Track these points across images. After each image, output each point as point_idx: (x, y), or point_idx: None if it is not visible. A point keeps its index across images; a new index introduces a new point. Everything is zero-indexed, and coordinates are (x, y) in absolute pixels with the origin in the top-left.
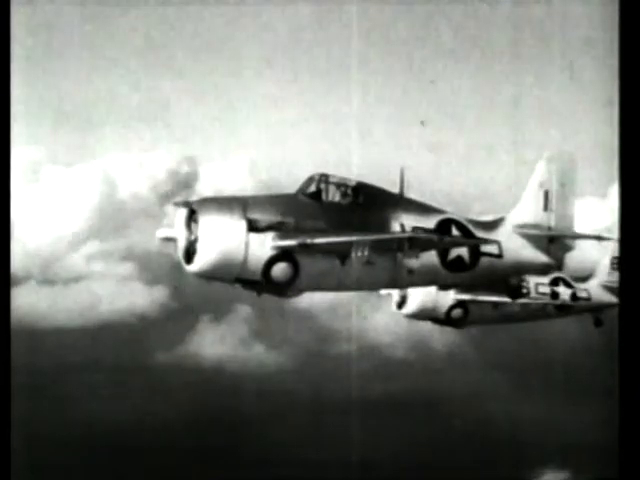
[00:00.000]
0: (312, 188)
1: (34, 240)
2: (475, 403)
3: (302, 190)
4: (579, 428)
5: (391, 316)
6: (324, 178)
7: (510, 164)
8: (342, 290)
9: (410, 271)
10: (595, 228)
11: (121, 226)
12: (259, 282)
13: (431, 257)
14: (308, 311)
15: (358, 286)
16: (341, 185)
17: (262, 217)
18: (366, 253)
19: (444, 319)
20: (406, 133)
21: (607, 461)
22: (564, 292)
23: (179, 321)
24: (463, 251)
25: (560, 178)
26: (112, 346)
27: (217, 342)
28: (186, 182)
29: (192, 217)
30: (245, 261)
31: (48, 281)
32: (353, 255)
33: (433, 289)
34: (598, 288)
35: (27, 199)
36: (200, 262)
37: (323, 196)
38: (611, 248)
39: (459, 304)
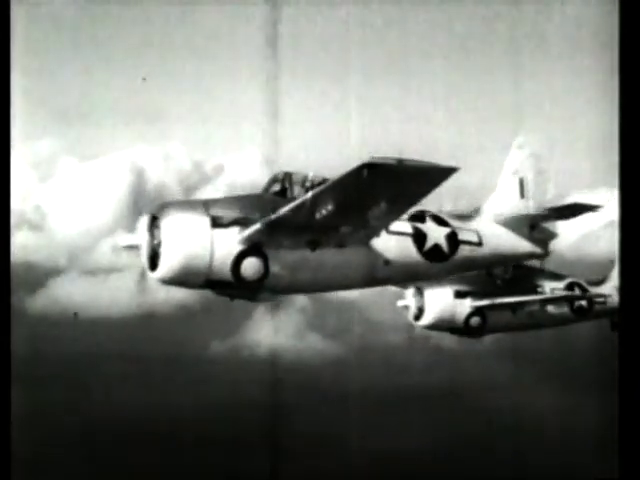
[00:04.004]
0: (276, 187)
1: (65, 231)
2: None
3: (266, 189)
4: None
5: None
6: (288, 176)
7: None
8: (317, 288)
9: (387, 262)
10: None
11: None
12: (230, 283)
13: (407, 246)
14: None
15: (333, 282)
16: (306, 182)
17: (226, 213)
18: (330, 207)
19: (463, 328)
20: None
21: None
22: None
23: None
24: (440, 239)
25: (535, 165)
26: (161, 337)
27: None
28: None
29: (154, 223)
30: (212, 260)
31: (87, 272)
32: (317, 215)
33: (450, 297)
34: (614, 291)
35: (56, 193)
36: (165, 265)
37: (288, 194)
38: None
39: (477, 312)
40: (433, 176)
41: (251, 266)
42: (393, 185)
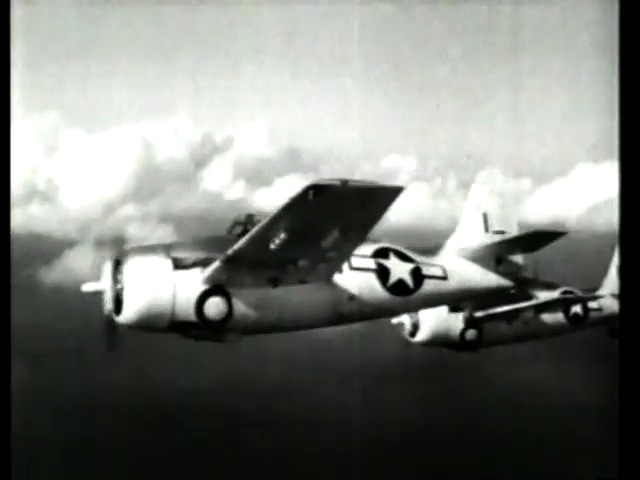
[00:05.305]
0: (239, 229)
1: (77, 204)
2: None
3: (229, 232)
4: None
5: None
6: (250, 218)
7: None
8: (284, 326)
9: (351, 297)
10: None
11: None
12: (195, 324)
13: (371, 282)
14: None
15: (299, 319)
16: None
17: (188, 255)
18: (283, 236)
19: (459, 343)
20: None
21: None
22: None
23: None
24: (404, 274)
25: (497, 200)
26: None
27: None
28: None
29: (117, 268)
30: (175, 302)
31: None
32: (272, 245)
33: (444, 312)
34: (608, 298)
35: (66, 165)
36: (129, 309)
37: None
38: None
39: (472, 324)
40: (380, 197)
41: (215, 305)
42: (341, 207)
